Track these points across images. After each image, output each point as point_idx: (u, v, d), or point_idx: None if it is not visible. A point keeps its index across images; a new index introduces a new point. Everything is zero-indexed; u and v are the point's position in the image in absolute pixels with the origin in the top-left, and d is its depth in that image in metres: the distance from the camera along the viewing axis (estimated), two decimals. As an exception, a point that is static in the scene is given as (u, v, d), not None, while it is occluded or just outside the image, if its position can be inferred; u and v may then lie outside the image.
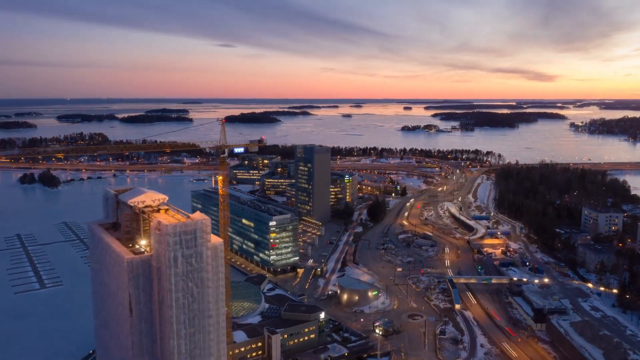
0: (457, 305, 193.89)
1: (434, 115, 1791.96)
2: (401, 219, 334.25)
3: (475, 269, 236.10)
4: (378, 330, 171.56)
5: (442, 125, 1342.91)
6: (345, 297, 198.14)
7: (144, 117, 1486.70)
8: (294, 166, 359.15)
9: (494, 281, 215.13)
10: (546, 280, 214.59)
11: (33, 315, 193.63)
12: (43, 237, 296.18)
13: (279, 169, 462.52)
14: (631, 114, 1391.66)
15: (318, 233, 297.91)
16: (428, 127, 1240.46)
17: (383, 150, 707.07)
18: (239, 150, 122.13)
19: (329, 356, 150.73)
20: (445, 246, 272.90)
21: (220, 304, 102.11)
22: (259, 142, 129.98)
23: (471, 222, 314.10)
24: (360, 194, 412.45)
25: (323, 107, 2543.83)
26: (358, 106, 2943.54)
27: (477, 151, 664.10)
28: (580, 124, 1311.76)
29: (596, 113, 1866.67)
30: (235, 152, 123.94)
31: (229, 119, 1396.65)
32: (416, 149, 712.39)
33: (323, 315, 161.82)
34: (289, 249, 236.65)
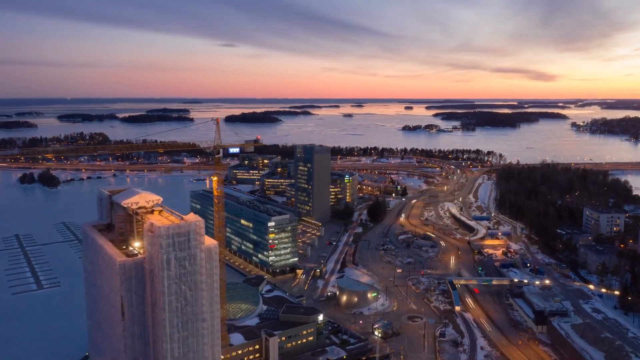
0: (457, 307, 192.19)
1: (435, 115, 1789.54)
2: (401, 220, 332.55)
3: (475, 270, 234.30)
4: (377, 332, 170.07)
5: (443, 125, 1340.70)
6: (344, 299, 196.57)
7: (145, 117, 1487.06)
8: (294, 166, 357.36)
9: (495, 282, 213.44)
10: (547, 281, 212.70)
11: (31, 316, 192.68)
12: (41, 238, 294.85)
13: (279, 169, 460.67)
14: (632, 114, 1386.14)
15: (318, 233, 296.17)
16: (429, 127, 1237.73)
17: (384, 150, 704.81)
18: (234, 150, 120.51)
19: (328, 359, 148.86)
20: (445, 247, 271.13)
21: (214, 307, 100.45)
22: (255, 142, 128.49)
23: (472, 223, 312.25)
24: (360, 194, 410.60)
25: (324, 107, 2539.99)
26: (359, 106, 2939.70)
27: (478, 151, 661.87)
28: (581, 124, 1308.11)
29: (597, 113, 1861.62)
30: (230, 152, 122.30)
31: (230, 119, 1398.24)
32: (417, 149, 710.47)
33: (322, 317, 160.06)
34: (288, 250, 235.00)
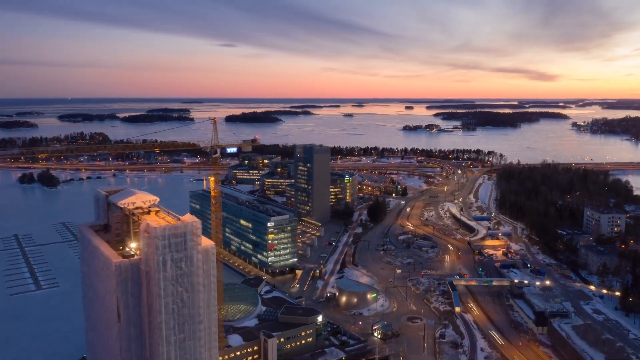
0: (457, 307, 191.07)
1: (436, 114, 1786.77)
2: (401, 220, 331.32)
3: (476, 271, 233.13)
4: (377, 333, 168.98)
5: (444, 124, 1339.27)
6: (343, 300, 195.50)
7: (145, 117, 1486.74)
8: (294, 166, 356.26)
9: (495, 283, 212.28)
10: (548, 282, 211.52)
11: (30, 316, 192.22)
12: (40, 238, 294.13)
13: (279, 169, 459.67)
14: (633, 114, 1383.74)
15: (317, 234, 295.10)
16: (429, 127, 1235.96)
17: (384, 150, 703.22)
18: (232, 150, 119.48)
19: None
20: (445, 247, 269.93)
21: (211, 309, 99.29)
22: (253, 142, 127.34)
23: (472, 223, 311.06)
24: (360, 194, 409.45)
25: (324, 107, 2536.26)
26: (360, 106, 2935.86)
27: (479, 151, 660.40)
28: (582, 124, 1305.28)
29: (598, 113, 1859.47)
30: (228, 152, 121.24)
31: (230, 119, 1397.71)
32: (417, 149, 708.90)
33: (321, 318, 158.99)
34: (288, 250, 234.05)
